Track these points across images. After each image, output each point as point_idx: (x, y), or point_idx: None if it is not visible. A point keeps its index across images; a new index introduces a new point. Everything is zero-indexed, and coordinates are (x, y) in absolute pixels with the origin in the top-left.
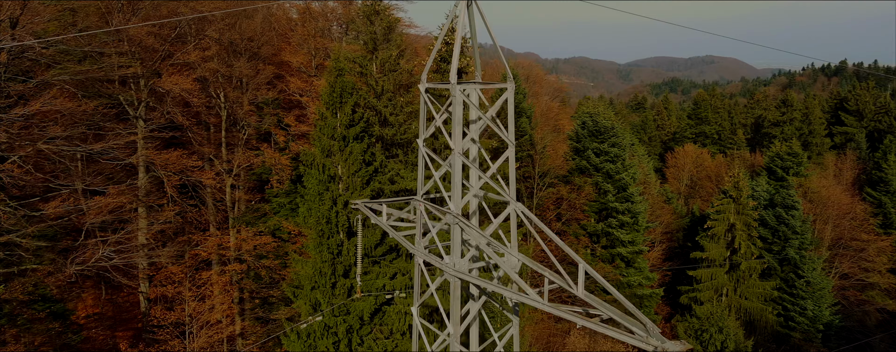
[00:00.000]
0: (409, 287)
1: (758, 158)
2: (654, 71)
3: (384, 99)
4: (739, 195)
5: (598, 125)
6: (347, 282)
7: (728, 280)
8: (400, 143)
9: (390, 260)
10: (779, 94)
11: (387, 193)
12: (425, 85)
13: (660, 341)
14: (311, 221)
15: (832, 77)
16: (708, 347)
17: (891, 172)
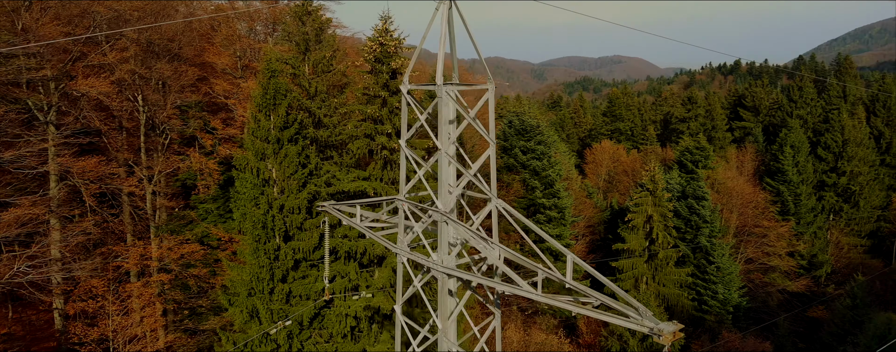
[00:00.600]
0: (348, 289)
1: (669, 153)
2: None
3: (318, 100)
4: (656, 188)
5: (525, 124)
6: (286, 287)
7: (647, 269)
8: (334, 144)
9: (330, 262)
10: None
11: (323, 195)
12: (407, 87)
13: (653, 322)
14: (246, 226)
15: (728, 75)
16: (636, 333)
17: (787, 163)
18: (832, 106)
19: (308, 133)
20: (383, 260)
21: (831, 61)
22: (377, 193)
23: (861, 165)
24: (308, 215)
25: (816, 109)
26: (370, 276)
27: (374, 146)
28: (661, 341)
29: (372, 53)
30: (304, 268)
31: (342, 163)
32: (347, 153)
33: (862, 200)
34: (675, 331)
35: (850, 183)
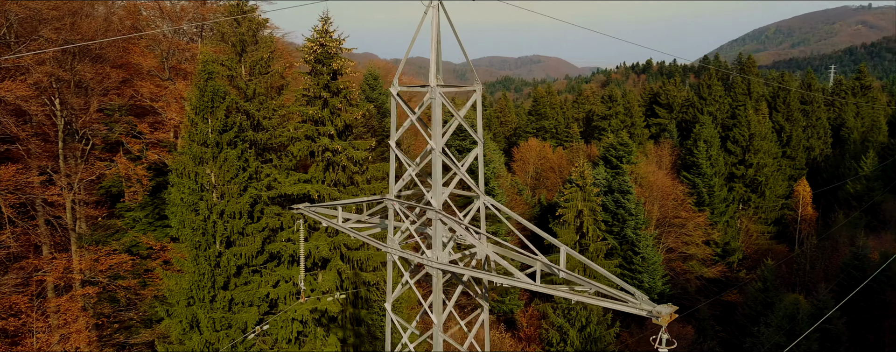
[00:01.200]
0: (294, 294)
1: (593, 150)
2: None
3: (256, 102)
4: (585, 184)
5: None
6: (228, 294)
7: (578, 263)
8: (273, 147)
9: (273, 267)
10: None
11: (264, 199)
12: (397, 88)
13: (651, 306)
14: (184, 233)
15: (641, 74)
16: (575, 323)
17: (701, 157)
18: (738, 102)
19: (247, 136)
20: (328, 263)
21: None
22: (321, 196)
23: (766, 158)
24: (250, 220)
25: (724, 105)
26: (314, 279)
27: (315, 148)
28: (659, 321)
29: (312, 54)
30: (246, 274)
31: (282, 166)
32: (287, 156)
33: (767, 190)
34: (671, 312)
35: (757, 174)
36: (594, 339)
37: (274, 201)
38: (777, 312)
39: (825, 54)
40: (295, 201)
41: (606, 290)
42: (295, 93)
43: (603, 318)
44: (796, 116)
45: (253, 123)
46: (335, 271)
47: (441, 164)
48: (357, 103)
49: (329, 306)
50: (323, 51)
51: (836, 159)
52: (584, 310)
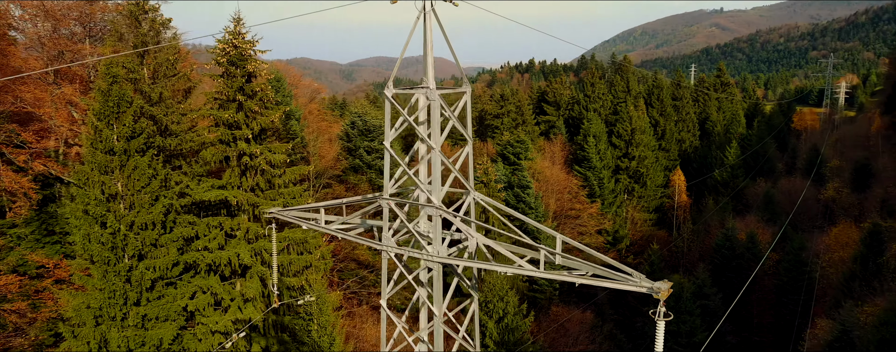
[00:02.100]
0: (211, 304)
1: (489, 147)
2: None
3: (162, 106)
4: (489, 180)
5: (368, 124)
6: (141, 310)
7: None
8: (183, 153)
9: (189, 278)
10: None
11: (176, 207)
12: (391, 91)
13: (650, 283)
14: (92, 247)
15: (524, 73)
16: (492, 315)
17: (590, 152)
18: (619, 99)
19: (154, 142)
20: (247, 270)
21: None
22: (239, 202)
23: (646, 151)
24: (163, 230)
25: (607, 102)
26: (232, 287)
27: (230, 153)
28: (658, 296)
29: (225, 56)
30: (160, 288)
31: (192, 172)
32: (198, 162)
33: (648, 181)
34: (668, 288)
35: (639, 166)
36: (511, 329)
37: (187, 210)
38: None
39: (686, 54)
40: (210, 209)
41: (609, 271)
42: (206, 95)
43: (519, 308)
44: (669, 111)
45: (160, 129)
46: (257, 277)
47: (440, 162)
48: (273, 106)
49: (252, 314)
50: (237, 53)
51: (703, 150)
52: (501, 301)
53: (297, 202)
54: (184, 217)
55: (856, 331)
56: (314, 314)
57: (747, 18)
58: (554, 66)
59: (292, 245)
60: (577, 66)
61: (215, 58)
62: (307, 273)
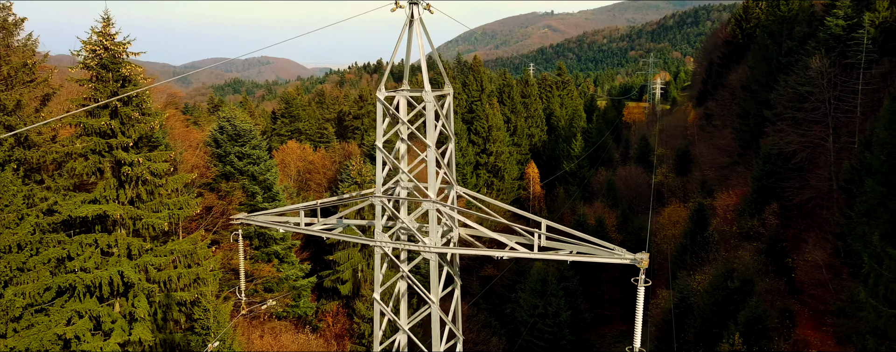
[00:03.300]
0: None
1: (353, 148)
2: (213, 72)
3: (20, 115)
4: (363, 180)
5: (238, 129)
6: (10, 342)
7: (361, 257)
8: (44, 165)
9: (63, 302)
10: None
11: (44, 226)
12: (383, 94)
13: (632, 255)
14: None
15: (373, 74)
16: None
17: None
18: (474, 98)
19: (13, 155)
20: (130, 289)
21: (453, 60)
22: (120, 216)
23: (502, 146)
24: (32, 252)
25: (462, 101)
26: (111, 308)
27: (104, 164)
28: (640, 265)
29: (96, 59)
30: (28, 316)
31: (57, 186)
32: (64, 175)
33: (506, 175)
34: (646, 257)
35: (497, 161)
36: None
37: (55, 228)
38: (531, 277)
39: (523, 54)
40: (83, 226)
41: (595, 248)
42: (72, 102)
43: (411, 302)
44: (519, 108)
45: (19, 139)
46: (143, 295)
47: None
48: (152, 112)
49: (142, 334)
50: (109, 55)
51: (551, 144)
52: None
53: (185, 212)
54: (52, 236)
55: (691, 297)
56: (212, 328)
57: (575, 21)
58: (402, 66)
59: (180, 257)
60: None
61: (83, 61)
62: (198, 286)
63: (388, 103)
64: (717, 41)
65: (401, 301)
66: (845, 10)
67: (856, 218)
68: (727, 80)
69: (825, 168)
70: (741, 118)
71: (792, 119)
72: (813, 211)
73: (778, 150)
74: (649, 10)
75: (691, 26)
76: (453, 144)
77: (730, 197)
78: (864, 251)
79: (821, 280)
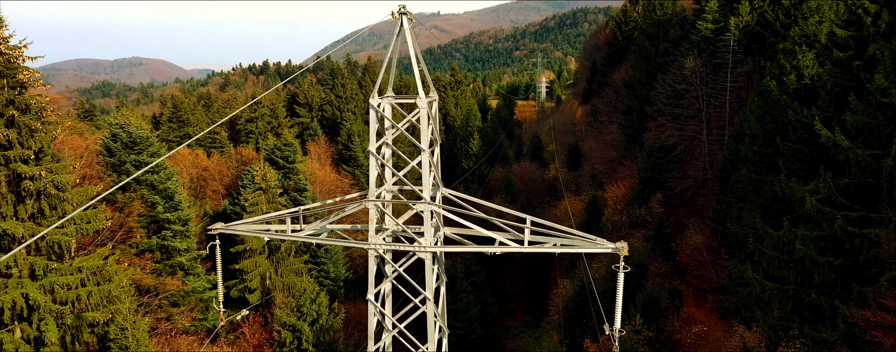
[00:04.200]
0: None
1: (248, 152)
2: (79, 75)
3: None
4: (268, 186)
5: (134, 136)
6: None
7: (270, 264)
8: None
9: None
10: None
11: None
12: (377, 100)
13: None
14: None
15: (260, 75)
16: (307, 318)
17: (357, 150)
18: None
19: None
20: (35, 311)
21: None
22: (25, 235)
23: (403, 146)
24: None
25: (360, 101)
26: (12, 335)
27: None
28: (621, 253)
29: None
30: None
31: None
32: None
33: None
34: (626, 246)
35: (399, 161)
36: (325, 330)
37: None
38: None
39: None
40: None
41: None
42: None
43: (332, 307)
44: None
45: None
46: (52, 317)
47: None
48: (54, 121)
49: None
50: (3, 60)
51: (449, 143)
52: (314, 304)
53: (94, 226)
54: None
55: (591, 285)
56: (131, 347)
57: (461, 21)
58: (290, 67)
59: (89, 275)
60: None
61: None
62: (111, 305)
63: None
64: (597, 42)
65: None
66: (713, 15)
67: (734, 203)
68: (611, 79)
69: (701, 159)
70: (625, 115)
71: (671, 115)
72: (692, 199)
73: (660, 143)
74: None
75: (571, 27)
76: (437, 148)
77: (619, 188)
78: (741, 233)
79: (701, 261)
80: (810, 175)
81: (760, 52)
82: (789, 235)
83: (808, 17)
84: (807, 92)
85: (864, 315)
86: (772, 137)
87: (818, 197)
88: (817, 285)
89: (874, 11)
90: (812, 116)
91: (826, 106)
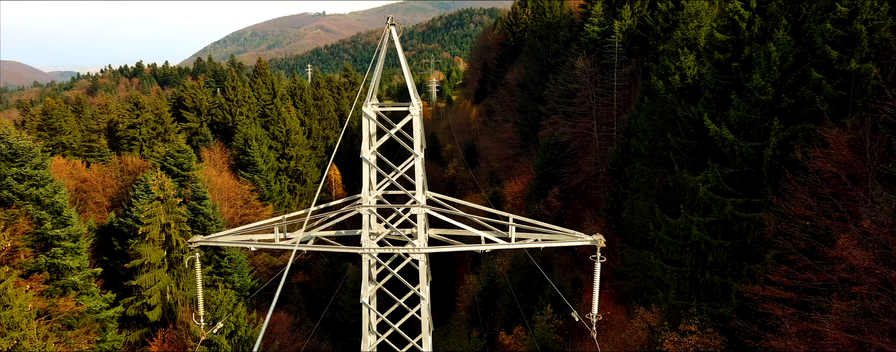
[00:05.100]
0: None
1: (135, 161)
2: None
3: None
4: (167, 196)
5: (14, 147)
6: None
7: (170, 278)
8: None
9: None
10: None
11: None
12: (370, 108)
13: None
14: None
15: (133, 78)
16: (225, 329)
17: (255, 155)
18: (266, 102)
19: None
20: None
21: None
22: None
23: (302, 150)
24: None
25: (253, 104)
26: None
27: None
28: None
29: None
30: None
31: None
32: None
33: (307, 178)
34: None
35: (297, 165)
36: (245, 341)
37: None
38: (350, 278)
39: (298, 54)
40: None
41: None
42: None
43: (249, 317)
44: (312, 110)
45: None
46: None
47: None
48: None
49: None
50: None
51: (348, 145)
52: (231, 315)
53: None
54: None
55: (497, 279)
56: None
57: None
58: (167, 69)
59: None
60: (193, 69)
61: None
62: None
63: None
64: (487, 43)
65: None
66: (599, 18)
67: (629, 194)
68: (505, 79)
69: (593, 154)
70: (520, 113)
71: (563, 113)
72: (586, 192)
73: (554, 140)
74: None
75: (457, 28)
76: (423, 152)
77: (517, 185)
78: (636, 221)
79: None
80: (699, 166)
81: (643, 53)
82: (686, 222)
83: (689, 22)
84: (690, 90)
85: (753, 290)
86: (661, 133)
87: (709, 186)
88: (711, 266)
89: (748, 17)
90: (699, 112)
91: (710, 103)
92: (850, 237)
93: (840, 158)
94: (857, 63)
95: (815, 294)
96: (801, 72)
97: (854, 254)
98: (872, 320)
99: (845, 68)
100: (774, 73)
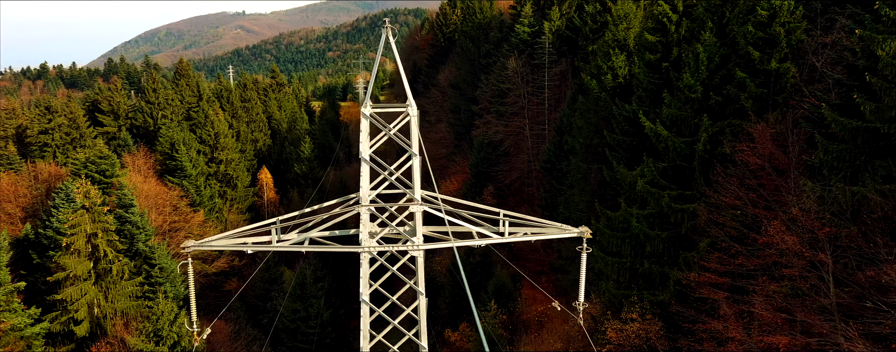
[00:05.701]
0: None
1: (50, 168)
2: None
3: None
4: (94, 204)
5: None
6: None
7: (97, 291)
8: None
9: None
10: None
11: None
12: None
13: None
14: None
15: (37, 80)
16: (167, 341)
17: (183, 160)
18: (191, 104)
19: None
20: None
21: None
22: None
23: (231, 153)
24: None
25: (177, 107)
26: None
27: None
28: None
29: None
30: None
31: None
32: None
33: (238, 182)
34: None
35: (227, 169)
36: None
37: None
38: (286, 283)
39: (218, 55)
40: None
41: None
42: None
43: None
44: (240, 113)
45: None
46: None
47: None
48: None
49: None
50: None
51: (277, 147)
52: (173, 326)
53: None
54: None
55: (437, 277)
56: None
57: (269, 22)
58: (75, 70)
59: None
60: (104, 70)
61: None
62: None
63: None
64: (415, 44)
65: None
66: (529, 19)
67: (564, 190)
68: (436, 79)
69: (526, 152)
70: (454, 113)
71: (496, 112)
72: (520, 189)
73: (488, 139)
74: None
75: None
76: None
77: (453, 183)
78: (572, 216)
79: (533, 246)
80: (635, 162)
81: (572, 53)
82: (625, 215)
83: (619, 24)
84: (622, 89)
85: (690, 277)
86: (596, 130)
87: (645, 180)
88: (649, 256)
89: (676, 20)
90: (635, 110)
91: (643, 101)
92: (779, 224)
93: (765, 151)
94: (776, 63)
95: (747, 278)
96: (726, 71)
97: (784, 239)
98: (803, 299)
99: (766, 68)
100: (703, 73)
